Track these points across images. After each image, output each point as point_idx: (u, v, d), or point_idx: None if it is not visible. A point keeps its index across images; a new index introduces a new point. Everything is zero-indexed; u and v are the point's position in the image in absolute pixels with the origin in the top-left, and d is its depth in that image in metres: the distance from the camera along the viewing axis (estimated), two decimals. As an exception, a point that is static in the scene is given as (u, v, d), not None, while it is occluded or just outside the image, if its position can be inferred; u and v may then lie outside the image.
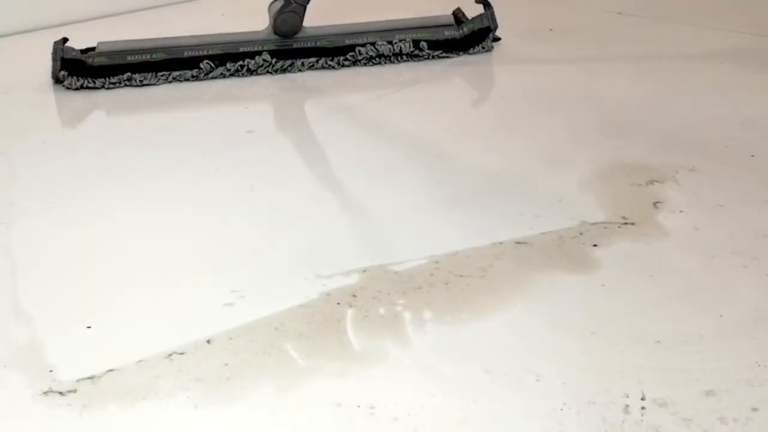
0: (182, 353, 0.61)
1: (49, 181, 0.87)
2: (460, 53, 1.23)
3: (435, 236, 0.76)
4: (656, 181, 0.84)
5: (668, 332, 0.62)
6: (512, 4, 1.45)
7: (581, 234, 0.75)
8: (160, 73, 1.12)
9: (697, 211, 0.78)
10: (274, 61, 1.15)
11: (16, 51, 1.29)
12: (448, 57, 1.22)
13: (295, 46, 1.16)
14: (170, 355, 0.61)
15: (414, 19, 1.24)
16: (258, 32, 1.17)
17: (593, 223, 0.77)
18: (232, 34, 1.16)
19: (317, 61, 1.17)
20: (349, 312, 0.65)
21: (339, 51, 1.18)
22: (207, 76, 1.14)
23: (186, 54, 1.13)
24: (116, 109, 1.07)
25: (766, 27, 1.31)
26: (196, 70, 1.13)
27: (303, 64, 1.17)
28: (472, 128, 0.99)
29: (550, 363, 0.59)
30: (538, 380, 0.57)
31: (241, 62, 1.14)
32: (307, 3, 1.15)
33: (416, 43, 1.20)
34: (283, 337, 0.62)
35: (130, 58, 1.12)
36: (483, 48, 1.23)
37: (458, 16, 1.26)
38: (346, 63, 1.18)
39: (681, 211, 0.79)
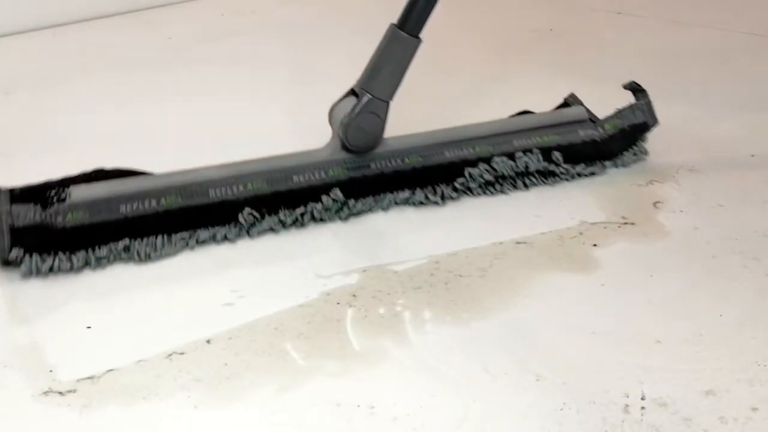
0: (182, 353, 0.61)
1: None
2: (606, 164, 0.85)
3: (435, 236, 0.76)
4: (656, 181, 0.84)
5: (668, 332, 0.62)
6: (512, 4, 1.45)
7: (581, 234, 0.75)
8: (177, 235, 0.72)
9: (697, 211, 0.78)
10: (351, 202, 0.77)
11: (16, 51, 1.29)
12: (593, 174, 0.84)
13: (373, 167, 0.78)
14: (170, 355, 0.61)
15: (532, 116, 0.86)
16: (318, 151, 0.79)
17: (593, 223, 0.77)
18: (281, 157, 0.77)
19: (413, 195, 0.79)
20: (349, 312, 0.65)
21: (438, 172, 0.79)
22: (251, 231, 0.74)
23: (213, 195, 0.73)
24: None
25: (766, 27, 1.31)
26: (234, 224, 0.74)
27: (392, 200, 0.78)
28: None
29: (550, 363, 0.59)
30: (538, 380, 0.57)
31: (302, 208, 0.75)
32: (392, 98, 0.78)
33: (546, 153, 0.83)
34: (283, 337, 0.62)
35: (125, 209, 0.71)
36: (635, 154, 0.87)
37: (572, 106, 0.90)
38: (454, 195, 0.79)
39: (681, 211, 0.79)
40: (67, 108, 1.06)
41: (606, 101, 1.02)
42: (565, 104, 0.90)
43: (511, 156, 0.81)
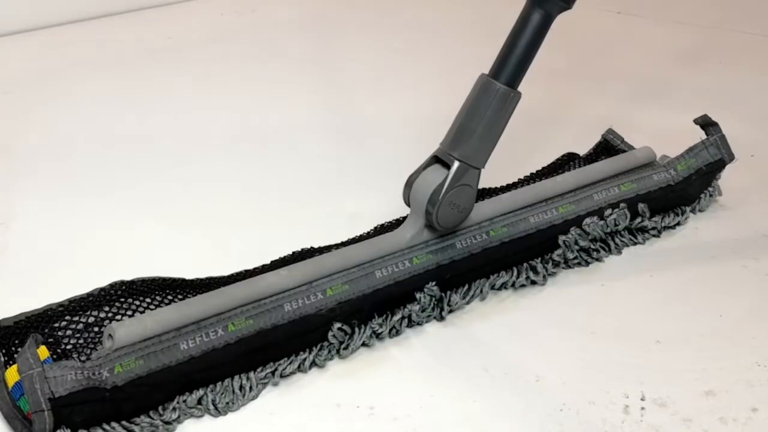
0: (182, 353, 0.61)
1: (50, 180, 0.87)
2: (687, 210, 0.77)
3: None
4: (656, 181, 0.84)
5: (668, 332, 0.62)
6: (511, 4, 1.45)
7: (581, 234, 0.75)
8: (259, 372, 0.57)
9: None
10: (448, 296, 0.64)
11: (16, 51, 1.29)
12: (678, 224, 0.76)
13: (459, 247, 0.65)
14: (170, 355, 0.60)
15: (603, 163, 0.76)
16: (397, 235, 0.65)
17: (593, 223, 0.77)
18: (355, 249, 0.63)
19: (513, 278, 0.67)
20: (349, 312, 0.65)
21: (528, 243, 0.69)
22: (342, 352, 0.60)
23: (290, 309, 0.58)
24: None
25: (766, 27, 1.31)
26: (325, 345, 0.60)
27: (491, 286, 0.67)
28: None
29: (550, 363, 0.59)
30: (538, 380, 0.57)
31: (398, 313, 0.62)
32: (484, 165, 0.65)
33: (631, 205, 0.73)
34: (283, 337, 0.62)
35: (187, 346, 0.54)
36: (711, 195, 0.79)
37: (613, 143, 0.82)
38: (554, 271, 0.69)
39: (681, 211, 0.79)
40: (67, 108, 1.06)
41: (606, 103, 1.02)
42: (605, 142, 0.82)
43: (598, 214, 0.72)
